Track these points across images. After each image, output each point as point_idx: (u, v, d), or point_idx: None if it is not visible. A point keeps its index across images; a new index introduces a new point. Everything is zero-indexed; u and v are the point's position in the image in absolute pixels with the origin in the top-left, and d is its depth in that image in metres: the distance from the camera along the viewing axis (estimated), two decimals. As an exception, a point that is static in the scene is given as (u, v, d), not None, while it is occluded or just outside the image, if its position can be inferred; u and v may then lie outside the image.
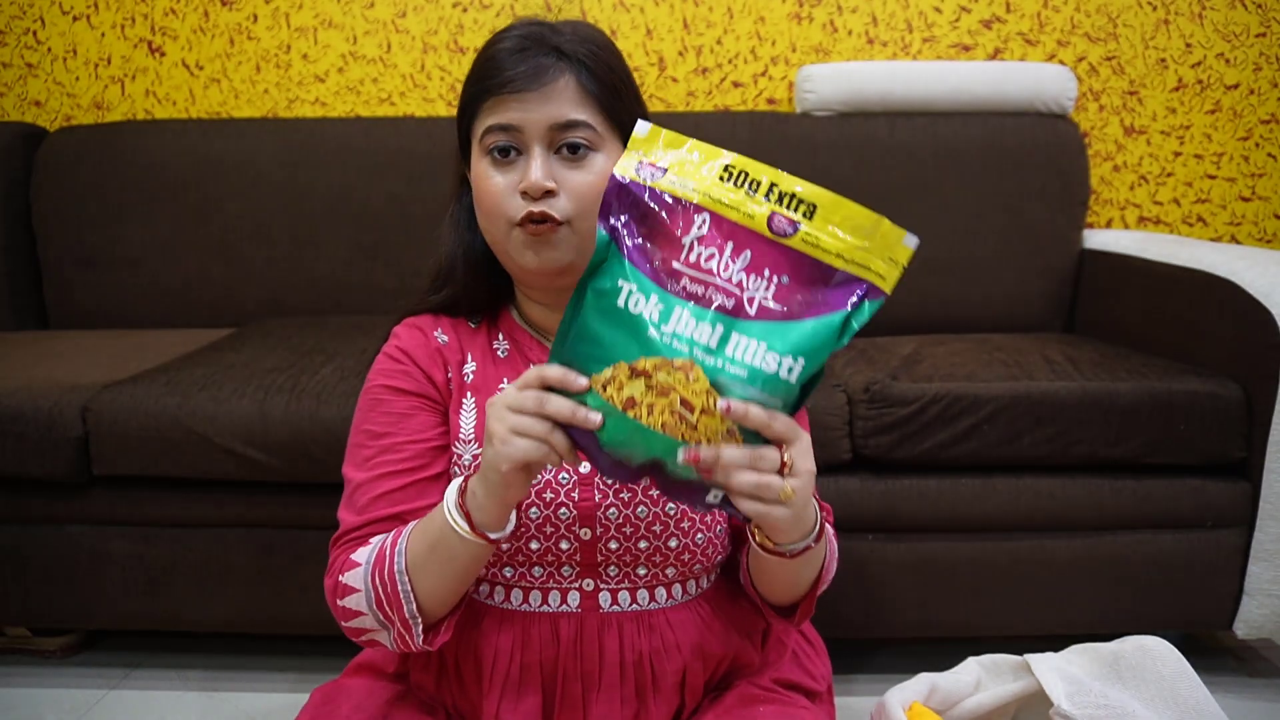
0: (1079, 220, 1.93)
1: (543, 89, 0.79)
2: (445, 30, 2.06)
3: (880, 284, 0.64)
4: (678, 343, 0.63)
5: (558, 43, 0.81)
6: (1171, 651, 0.90)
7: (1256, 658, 1.56)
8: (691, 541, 0.84)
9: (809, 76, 1.94)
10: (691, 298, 0.63)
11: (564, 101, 0.80)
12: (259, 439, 1.32)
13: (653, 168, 0.66)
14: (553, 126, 0.80)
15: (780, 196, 0.64)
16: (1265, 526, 1.37)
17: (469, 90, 0.83)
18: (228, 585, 1.40)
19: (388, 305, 1.90)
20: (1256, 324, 1.36)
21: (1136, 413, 1.35)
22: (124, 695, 1.43)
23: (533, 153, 0.80)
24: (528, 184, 0.79)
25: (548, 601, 0.84)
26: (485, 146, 0.81)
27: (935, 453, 1.35)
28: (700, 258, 0.64)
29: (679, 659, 0.84)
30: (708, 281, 0.64)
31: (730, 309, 0.63)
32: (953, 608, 1.42)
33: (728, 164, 0.65)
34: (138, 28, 2.09)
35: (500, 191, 0.81)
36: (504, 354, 0.89)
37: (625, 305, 0.64)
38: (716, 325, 0.63)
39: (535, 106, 0.79)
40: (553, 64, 0.80)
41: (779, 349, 0.63)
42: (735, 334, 0.63)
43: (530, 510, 0.82)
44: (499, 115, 0.80)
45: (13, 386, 1.39)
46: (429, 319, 0.91)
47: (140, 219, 1.92)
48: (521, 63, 0.79)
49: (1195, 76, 2.07)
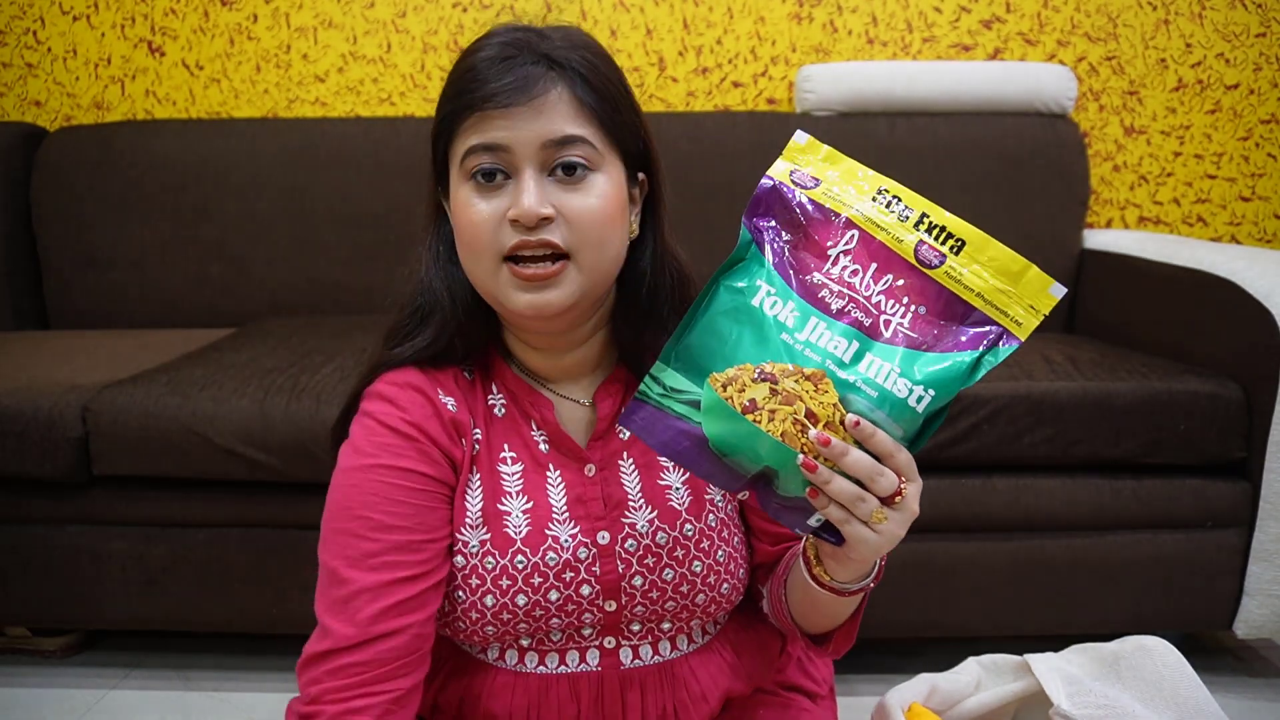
0: (1079, 220, 1.93)
1: (532, 102, 0.68)
2: (445, 30, 2.06)
3: (1016, 330, 0.62)
4: (810, 351, 0.61)
5: (547, 49, 0.70)
6: (1171, 651, 0.90)
7: (1256, 658, 1.56)
8: (718, 593, 0.78)
9: (809, 76, 1.94)
10: (828, 310, 0.62)
11: (557, 116, 0.69)
12: (259, 439, 1.32)
13: (807, 176, 0.65)
14: (545, 144, 0.69)
15: (930, 227, 0.62)
16: (1265, 526, 1.37)
17: (445, 106, 0.72)
18: (228, 585, 1.40)
19: (388, 305, 1.91)
20: (1256, 324, 1.36)
21: (1136, 413, 1.35)
22: (124, 695, 1.43)
23: (523, 175, 0.69)
24: (519, 211, 0.68)
25: (565, 662, 0.77)
26: (467, 170, 0.70)
27: (935, 453, 1.35)
28: (844, 272, 0.62)
29: (705, 708, 0.80)
30: (848, 296, 0.62)
31: (867, 327, 0.61)
32: (953, 608, 1.42)
33: (883, 187, 0.64)
34: (138, 28, 2.09)
35: (486, 221, 0.69)
36: (501, 412, 0.79)
37: (760, 306, 0.62)
38: (852, 341, 0.61)
39: (525, 122, 0.68)
40: (543, 73, 0.69)
41: (911, 376, 0.61)
42: (869, 353, 0.61)
43: (550, 594, 0.74)
44: (482, 134, 0.69)
45: (13, 386, 1.39)
46: (421, 377, 0.77)
47: (140, 219, 1.92)
48: (506, 73, 0.69)
49: (1195, 76, 2.07)
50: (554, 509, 0.76)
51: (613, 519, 0.76)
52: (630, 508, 0.77)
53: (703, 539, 0.77)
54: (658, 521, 0.76)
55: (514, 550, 0.74)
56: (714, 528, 0.78)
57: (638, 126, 0.75)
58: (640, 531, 0.76)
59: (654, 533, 0.76)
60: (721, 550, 0.78)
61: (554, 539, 0.75)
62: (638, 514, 0.77)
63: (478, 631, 0.75)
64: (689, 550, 0.76)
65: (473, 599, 0.74)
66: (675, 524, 0.77)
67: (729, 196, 1.85)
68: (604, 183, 0.71)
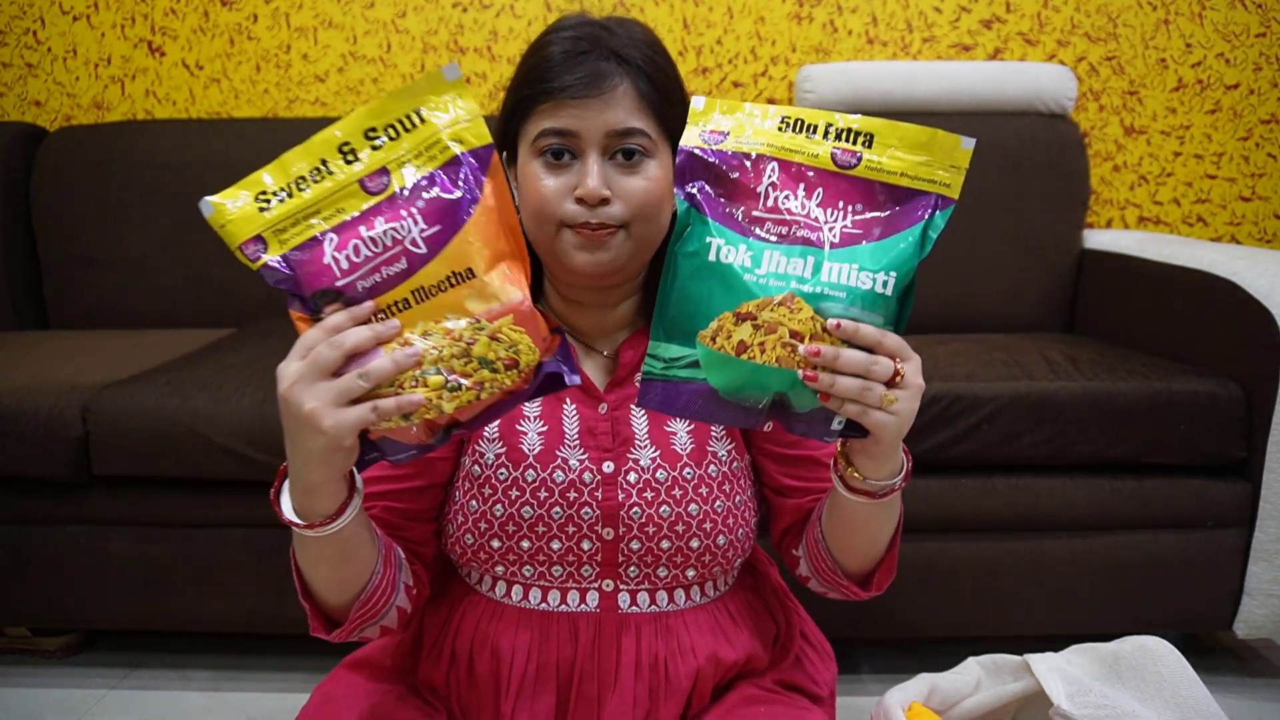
0: (1079, 220, 1.93)
1: (601, 96, 0.78)
2: (445, 30, 2.06)
3: (946, 192, 0.69)
4: (774, 281, 0.66)
5: (615, 46, 0.80)
6: (1171, 651, 0.90)
7: (1256, 658, 1.57)
8: (713, 543, 0.84)
9: (809, 76, 1.94)
10: (778, 238, 0.67)
11: (621, 108, 0.79)
12: (259, 439, 1.32)
13: (715, 134, 0.69)
14: (610, 133, 0.79)
15: (838, 133, 0.68)
16: (1265, 526, 1.37)
17: (521, 89, 0.82)
18: (228, 585, 1.40)
19: (388, 305, 1.91)
20: (1256, 324, 1.36)
21: (1136, 413, 1.35)
22: (124, 695, 1.43)
23: (588, 159, 0.79)
24: (585, 191, 0.78)
25: (566, 601, 0.84)
26: (538, 148, 0.80)
27: (935, 453, 1.35)
28: (777, 202, 0.68)
29: (693, 662, 0.84)
30: (789, 220, 0.67)
31: (816, 241, 0.67)
32: (953, 608, 1.42)
33: (784, 115, 0.69)
34: (138, 28, 2.09)
35: (553, 194, 0.79)
36: None
37: (717, 259, 0.67)
38: (807, 257, 0.66)
39: (593, 113, 0.78)
40: (612, 70, 0.79)
41: (870, 267, 0.66)
42: (826, 262, 0.66)
43: (554, 510, 0.82)
44: (555, 120, 0.79)
45: (13, 386, 1.39)
46: None
47: (140, 219, 1.92)
48: (579, 67, 0.78)
49: (1195, 76, 2.07)
50: (566, 435, 0.84)
51: (619, 453, 0.84)
52: (636, 445, 0.84)
53: (701, 485, 0.84)
54: (659, 460, 0.84)
55: (526, 465, 0.82)
56: (714, 478, 0.85)
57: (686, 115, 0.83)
58: (642, 467, 0.83)
59: (654, 469, 0.83)
60: (720, 501, 0.84)
61: (563, 460, 0.83)
62: (642, 451, 0.84)
63: (484, 547, 0.82)
64: (686, 492, 0.83)
65: (484, 508, 0.82)
66: (675, 465, 0.84)
67: (729, 196, 1.86)
68: (655, 167, 0.81)
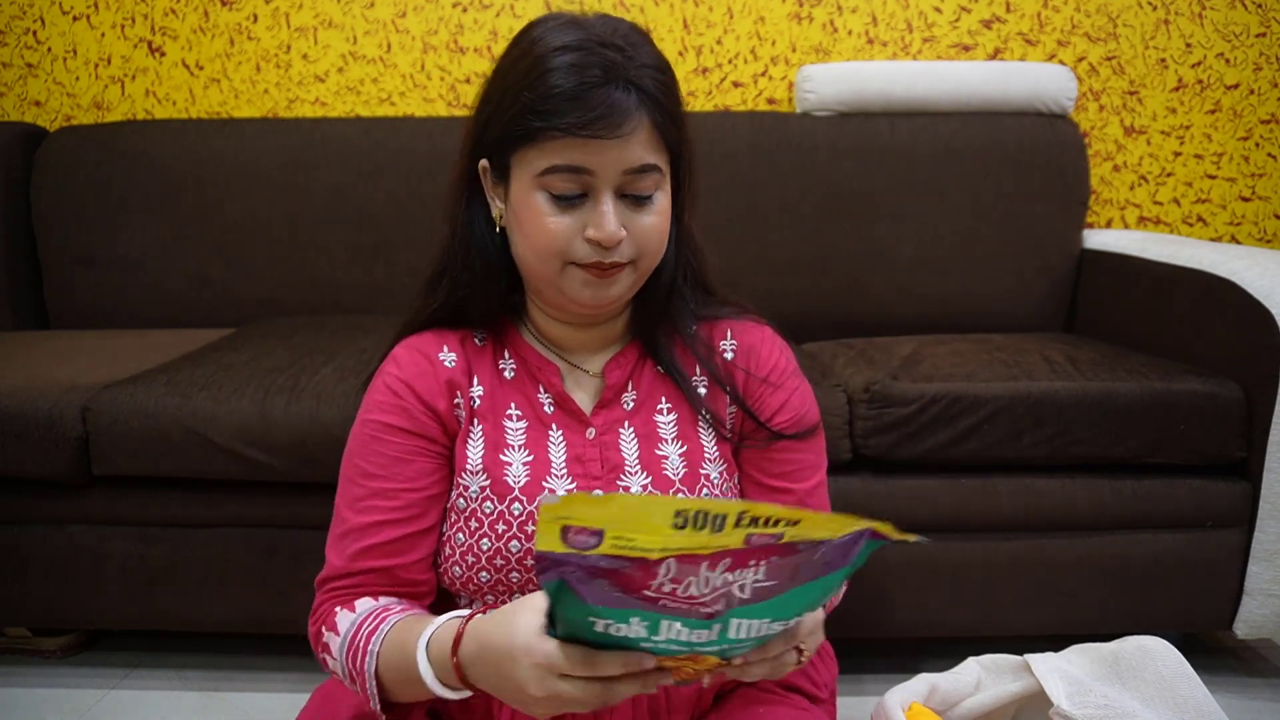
0: (1079, 220, 1.93)
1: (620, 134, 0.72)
2: (445, 30, 2.06)
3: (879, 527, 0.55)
4: (675, 646, 0.57)
5: (633, 76, 0.73)
6: (1171, 651, 0.90)
7: (1256, 658, 1.56)
8: None
9: (809, 76, 1.94)
10: (675, 612, 0.56)
11: (638, 145, 0.73)
12: (259, 439, 1.32)
13: (584, 533, 0.53)
14: (626, 171, 0.74)
15: (754, 520, 0.52)
16: (1265, 526, 1.37)
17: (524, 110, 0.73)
18: (228, 585, 1.40)
19: (388, 305, 1.91)
20: (1256, 324, 1.36)
21: (1136, 413, 1.35)
22: (124, 695, 1.43)
23: (603, 199, 0.74)
24: (604, 236, 0.74)
25: None
26: (544, 183, 0.74)
27: (935, 453, 1.35)
28: (675, 590, 0.54)
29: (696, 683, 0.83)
30: (690, 599, 0.55)
31: (722, 609, 0.56)
32: (953, 608, 1.42)
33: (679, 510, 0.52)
34: (138, 28, 2.09)
35: (563, 233, 0.74)
36: (511, 375, 0.85)
37: (605, 631, 0.57)
38: (712, 626, 0.56)
39: (612, 152, 0.72)
40: (631, 105, 0.72)
41: (785, 615, 0.58)
42: (734, 620, 0.57)
43: None
44: (567, 156, 0.73)
45: (13, 386, 1.39)
46: (431, 338, 0.84)
47: (140, 219, 1.92)
48: (597, 102, 0.71)
49: (1195, 76, 2.07)
50: (553, 465, 0.81)
51: (609, 480, 0.81)
52: (626, 472, 0.81)
53: None
54: (651, 487, 0.81)
55: (511, 498, 0.79)
56: None
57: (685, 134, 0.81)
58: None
59: None
60: None
61: (550, 491, 0.80)
62: (633, 479, 0.81)
63: (473, 579, 0.80)
64: None
65: (470, 541, 0.79)
66: (668, 491, 0.81)
67: (728, 196, 1.85)
68: (663, 198, 0.78)
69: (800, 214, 1.86)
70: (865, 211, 1.87)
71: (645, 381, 0.86)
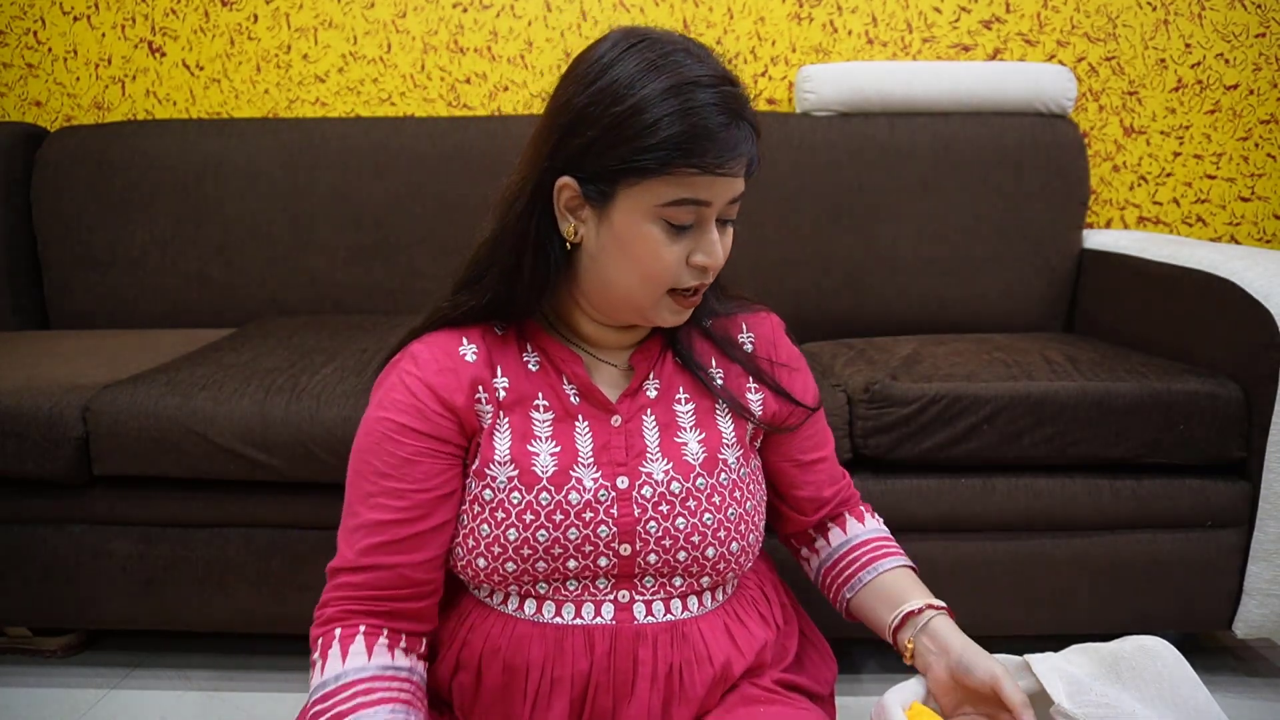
0: (1079, 220, 1.93)
1: (742, 174, 0.77)
2: (445, 30, 2.06)
3: None
4: None
5: (751, 118, 0.77)
6: (1171, 651, 0.90)
7: (1256, 658, 1.57)
8: (727, 550, 0.83)
9: (809, 76, 1.94)
10: None
11: (742, 178, 0.78)
12: (259, 439, 1.32)
13: None
14: (731, 201, 0.78)
15: None
16: (1265, 526, 1.37)
17: (664, 148, 0.73)
18: (228, 585, 1.40)
19: (388, 305, 1.91)
20: (1256, 324, 1.36)
21: (1136, 413, 1.35)
22: (124, 695, 1.43)
23: (709, 227, 0.78)
24: (713, 263, 0.78)
25: (581, 614, 0.82)
26: (667, 214, 0.76)
27: (935, 453, 1.35)
28: None
29: (710, 670, 0.84)
30: None
31: None
32: (953, 608, 1.42)
33: None
34: (138, 28, 2.09)
35: (675, 262, 0.78)
36: (535, 367, 0.86)
37: None
38: None
39: (728, 184, 0.77)
40: (752, 144, 0.77)
41: None
42: None
43: (570, 531, 0.80)
44: (699, 191, 0.75)
45: (13, 386, 1.39)
46: (452, 334, 0.85)
47: (140, 219, 1.92)
48: (736, 142, 0.75)
49: (1195, 76, 2.07)
50: (580, 454, 0.83)
51: (632, 466, 0.83)
52: (648, 458, 0.84)
53: (714, 494, 0.84)
54: (673, 472, 0.83)
55: (539, 487, 0.81)
56: (725, 485, 0.85)
57: None
58: (656, 480, 0.83)
59: (669, 482, 0.83)
60: (733, 508, 0.84)
61: (578, 480, 0.82)
62: (655, 464, 0.84)
63: (498, 570, 0.81)
64: (700, 502, 0.83)
65: (496, 532, 0.81)
66: (689, 476, 0.84)
67: (729, 196, 1.85)
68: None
69: (800, 214, 1.87)
70: (865, 211, 1.87)
71: (666, 373, 0.90)
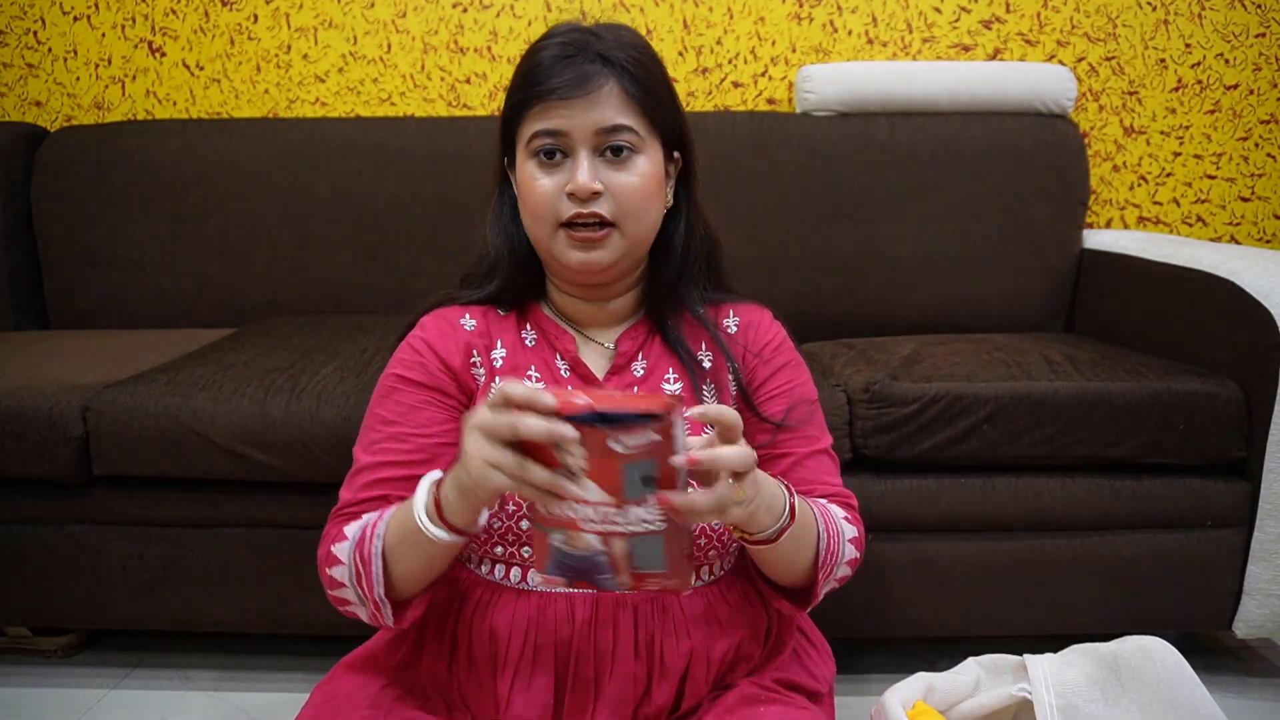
0: (1079, 220, 1.93)
1: (588, 96, 0.82)
2: (445, 30, 2.06)
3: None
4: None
5: (601, 49, 0.84)
6: (1171, 652, 0.90)
7: (1256, 658, 1.57)
8: (709, 526, 0.86)
9: (809, 76, 1.94)
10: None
11: (608, 107, 0.83)
12: (259, 439, 1.32)
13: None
14: (598, 131, 0.83)
15: None
16: (1265, 526, 1.37)
17: (515, 96, 0.86)
18: (228, 585, 1.40)
19: (388, 305, 1.91)
20: (1256, 324, 1.36)
21: (1136, 413, 1.35)
22: (124, 695, 1.43)
23: (579, 156, 0.83)
24: (575, 186, 0.83)
25: None
26: (532, 149, 0.85)
27: (935, 453, 1.35)
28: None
29: (686, 643, 0.85)
30: None
31: None
32: (953, 608, 1.42)
33: None
34: (138, 28, 2.09)
35: (548, 193, 0.84)
36: (532, 343, 0.93)
37: None
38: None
39: (581, 112, 0.82)
40: (597, 71, 0.83)
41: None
42: None
43: None
44: (546, 121, 0.83)
45: (13, 386, 1.39)
46: (458, 309, 0.93)
47: (140, 219, 1.92)
48: (567, 69, 0.83)
49: (1195, 77, 2.07)
50: None
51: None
52: None
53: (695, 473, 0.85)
54: None
55: None
56: None
57: (675, 113, 0.90)
58: None
59: None
60: None
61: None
62: None
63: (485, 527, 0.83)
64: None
65: None
66: None
67: (729, 197, 1.85)
68: (644, 162, 0.86)
69: (800, 214, 1.86)
70: (865, 211, 1.87)
71: (654, 354, 0.93)
